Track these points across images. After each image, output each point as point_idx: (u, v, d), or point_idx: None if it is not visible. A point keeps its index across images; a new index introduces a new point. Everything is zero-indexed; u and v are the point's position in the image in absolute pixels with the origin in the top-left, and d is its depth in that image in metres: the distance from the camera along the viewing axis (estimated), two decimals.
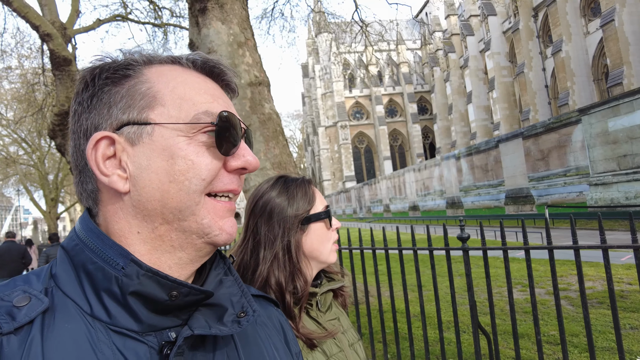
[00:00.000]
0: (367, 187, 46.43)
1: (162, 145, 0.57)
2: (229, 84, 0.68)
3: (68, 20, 12.49)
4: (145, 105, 0.58)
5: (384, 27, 14.12)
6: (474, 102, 43.96)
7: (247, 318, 0.61)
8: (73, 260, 0.56)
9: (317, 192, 1.25)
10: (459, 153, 27.40)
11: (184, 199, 0.57)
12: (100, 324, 0.52)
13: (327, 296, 1.24)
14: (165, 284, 0.54)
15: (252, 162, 0.62)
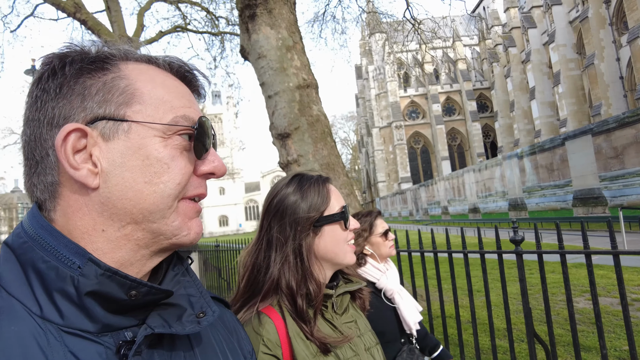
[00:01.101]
0: (424, 189, 45.25)
1: (138, 144, 0.56)
2: (199, 90, 0.69)
3: (134, 34, 13.39)
4: (123, 102, 0.57)
5: (437, 24, 13.73)
6: (538, 98, 41.43)
7: (207, 318, 0.61)
8: (20, 259, 0.53)
9: (333, 191, 1.21)
10: (522, 152, 25.94)
11: (158, 202, 0.57)
12: (51, 326, 0.50)
13: (343, 298, 1.20)
14: (124, 284, 0.53)
15: (220, 168, 0.63)
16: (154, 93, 0.59)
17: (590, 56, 32.60)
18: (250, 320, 1.06)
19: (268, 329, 1.03)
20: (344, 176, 5.66)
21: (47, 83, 0.56)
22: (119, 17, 12.51)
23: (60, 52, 0.58)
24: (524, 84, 46.13)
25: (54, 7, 11.10)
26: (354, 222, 1.21)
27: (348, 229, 1.19)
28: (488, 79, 59.17)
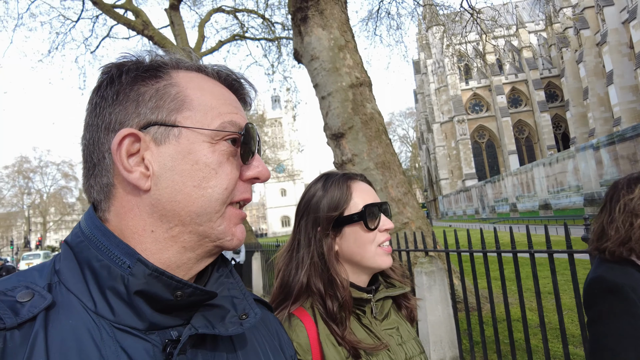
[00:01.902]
0: (490, 185, 43.17)
1: (187, 149, 0.58)
2: (245, 98, 0.71)
3: (196, 45, 14.12)
4: (174, 108, 0.60)
5: (498, 12, 13.02)
6: (617, 83, 37.92)
7: (249, 320, 0.62)
8: (77, 257, 0.57)
9: (357, 189, 1.15)
10: (598, 142, 23.89)
11: (205, 205, 0.59)
12: (104, 321, 0.53)
13: (385, 303, 1.16)
14: (170, 284, 0.55)
15: (264, 172, 0.65)
16: (203, 100, 0.62)
17: None
18: (282, 323, 1.06)
19: (298, 332, 1.02)
20: (401, 174, 5.54)
21: (106, 90, 0.60)
22: (182, 30, 13.25)
23: (117, 62, 0.62)
24: (600, 69, 42.46)
25: (126, 26, 12.00)
26: (385, 223, 1.14)
27: (374, 229, 1.11)
28: (557, 66, 55.23)
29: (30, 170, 57.72)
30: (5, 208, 59.01)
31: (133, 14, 12.17)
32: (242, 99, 0.70)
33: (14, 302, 0.50)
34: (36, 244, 52.47)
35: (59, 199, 62.02)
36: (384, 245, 1.13)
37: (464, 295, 3.46)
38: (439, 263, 3.92)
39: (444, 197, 62.03)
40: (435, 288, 3.80)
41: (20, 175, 56.67)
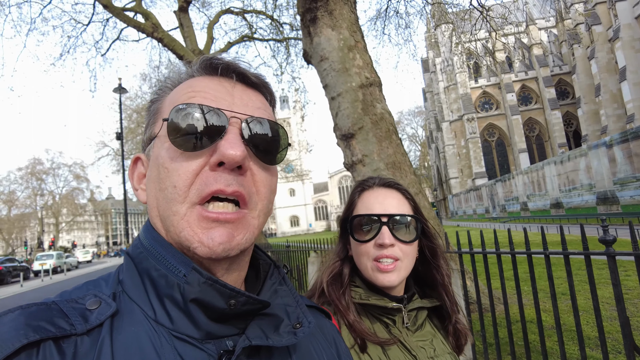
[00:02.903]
0: (501, 184, 42.78)
1: (155, 155, 0.60)
2: (244, 76, 0.64)
3: (205, 47, 14.19)
4: (153, 122, 0.64)
5: (508, 9, 12.89)
6: (630, 79, 37.31)
7: (303, 329, 0.61)
8: (138, 267, 0.59)
9: (366, 196, 1.12)
10: (611, 140, 23.53)
11: (163, 208, 0.58)
12: (163, 329, 0.54)
13: (420, 314, 1.11)
14: (224, 293, 0.55)
15: (226, 154, 0.55)
16: (170, 101, 0.62)
17: None
18: None
19: None
20: (411, 174, 5.51)
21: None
22: (191, 32, 13.33)
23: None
24: (612, 65, 41.84)
25: (136, 29, 12.10)
26: (383, 237, 1.04)
27: (363, 241, 1.07)
28: (568, 63, 54.58)
29: (43, 172, 58.55)
30: (19, 209, 59.93)
31: (142, 16, 12.27)
32: (243, 78, 0.64)
33: (84, 309, 0.53)
34: (49, 244, 53.19)
35: (70, 200, 62.81)
36: (382, 262, 1.05)
37: (477, 296, 3.42)
38: (452, 264, 3.89)
39: (453, 196, 61.61)
40: None
41: (34, 177, 57.51)
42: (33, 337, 0.47)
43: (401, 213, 1.09)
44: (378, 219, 1.06)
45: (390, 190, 1.13)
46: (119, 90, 18.73)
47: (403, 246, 1.07)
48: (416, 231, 1.09)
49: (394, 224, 1.06)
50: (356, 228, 1.08)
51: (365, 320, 1.06)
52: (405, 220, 1.08)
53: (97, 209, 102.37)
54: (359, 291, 1.10)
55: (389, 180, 1.16)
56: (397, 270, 1.05)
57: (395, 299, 1.08)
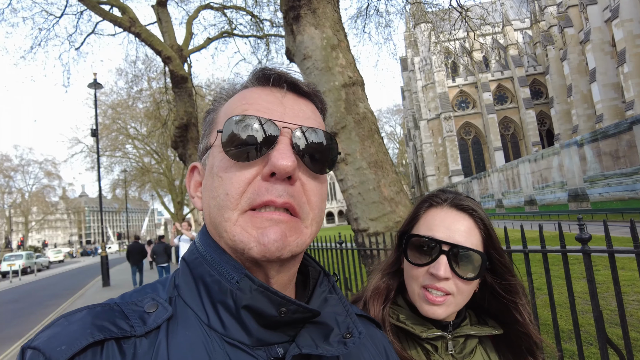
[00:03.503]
0: (476, 182, 43.69)
1: (210, 165, 0.62)
2: (296, 86, 0.65)
3: (184, 42, 13.94)
4: (209, 132, 0.66)
5: (486, 10, 13.14)
6: (600, 80, 38.63)
7: (353, 339, 0.60)
8: (193, 273, 0.61)
9: (431, 215, 1.00)
10: (582, 139, 24.33)
11: (215, 215, 0.59)
12: (215, 334, 0.55)
13: (469, 341, 1.00)
14: (275, 300, 0.55)
15: (277, 165, 0.56)
16: (225, 112, 0.64)
17: None
18: None
19: None
20: (393, 173, 5.58)
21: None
22: (170, 27, 13.07)
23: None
24: (583, 66, 43.21)
25: (112, 23, 11.77)
26: (439, 268, 0.93)
27: (415, 265, 0.97)
28: (542, 64, 56.03)
29: (12, 168, 56.54)
30: None
31: (119, 10, 11.96)
32: (294, 88, 0.65)
33: (143, 312, 0.56)
34: (18, 244, 51.42)
35: (41, 198, 60.91)
36: (431, 292, 0.94)
37: None
38: None
39: None
40: None
41: (1, 174, 55.44)
42: (98, 336, 0.51)
43: (467, 246, 0.95)
44: (438, 245, 0.95)
45: (461, 214, 1.00)
46: (93, 86, 18.22)
47: (460, 282, 0.95)
48: (480, 269, 0.95)
49: (455, 256, 0.94)
50: (412, 248, 0.98)
51: (403, 343, 0.99)
52: (469, 255, 0.95)
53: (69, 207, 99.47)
54: (398, 311, 1.02)
55: (464, 202, 1.02)
56: (446, 305, 0.95)
57: (441, 325, 0.99)
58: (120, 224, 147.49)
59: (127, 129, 31.43)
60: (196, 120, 13.16)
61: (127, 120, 30.85)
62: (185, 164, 13.69)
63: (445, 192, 1.05)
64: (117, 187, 40.57)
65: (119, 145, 33.04)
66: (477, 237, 0.98)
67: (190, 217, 36.34)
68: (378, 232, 5.34)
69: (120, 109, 29.36)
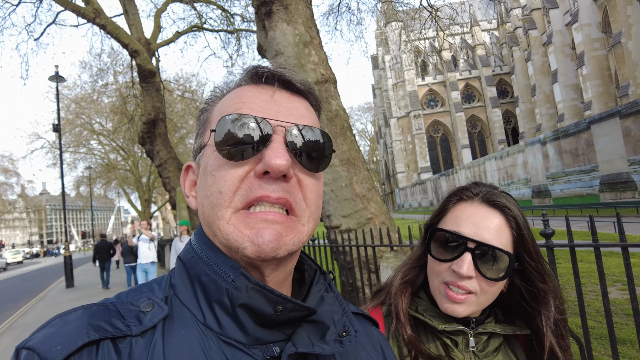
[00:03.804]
0: (445, 178, 44.68)
1: (204, 164, 0.62)
2: (289, 84, 0.64)
3: (152, 36, 13.56)
4: (203, 131, 0.66)
5: (455, 10, 13.43)
6: (561, 81, 40.23)
7: (349, 338, 0.60)
8: (189, 272, 0.60)
9: (459, 210, 0.96)
10: (544, 137, 25.31)
11: (210, 213, 0.59)
12: (212, 333, 0.55)
13: (493, 339, 0.96)
14: (271, 298, 0.55)
15: (270, 164, 0.55)
16: (219, 111, 0.63)
17: (616, 34, 31.42)
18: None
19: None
20: (365, 171, 5.63)
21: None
22: (137, 20, 12.69)
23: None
24: (546, 67, 44.87)
25: (75, 13, 11.30)
26: (461, 265, 0.89)
27: (439, 260, 0.93)
28: (508, 64, 57.81)
29: None
30: None
31: (83, 0, 11.49)
32: (287, 85, 0.64)
33: (139, 311, 0.56)
34: None
35: None
36: (453, 289, 0.91)
37: None
38: (404, 257, 4.03)
39: (400, 189, 63.57)
40: None
41: None
42: (94, 336, 0.51)
43: (494, 245, 0.89)
44: (463, 242, 0.90)
45: (492, 210, 0.94)
46: (55, 79, 17.43)
47: (484, 282, 0.90)
48: (506, 271, 0.90)
49: (480, 254, 0.89)
50: (437, 242, 0.95)
51: (422, 336, 0.96)
52: (497, 255, 0.90)
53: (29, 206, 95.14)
54: (418, 303, 1.00)
55: (497, 197, 0.95)
56: (467, 304, 0.90)
57: (462, 320, 0.95)
58: (85, 223, 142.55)
59: (92, 124, 30.38)
60: (164, 116, 12.85)
61: (92, 115, 29.81)
62: (152, 160, 13.35)
63: (479, 186, 0.99)
64: (81, 184, 39.23)
65: (83, 141, 31.93)
66: (508, 236, 0.91)
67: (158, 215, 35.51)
68: (350, 229, 5.38)
69: (85, 104, 28.31)
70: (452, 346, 0.93)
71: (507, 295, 0.99)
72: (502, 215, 0.92)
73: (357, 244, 4.32)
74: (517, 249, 0.92)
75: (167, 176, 12.50)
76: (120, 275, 16.97)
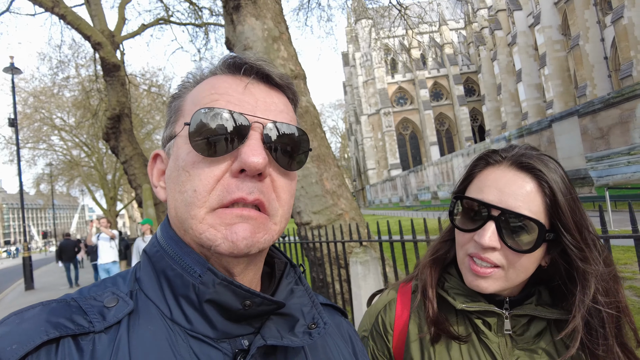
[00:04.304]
0: (413, 175, 45.46)
1: (175, 155, 0.59)
2: (268, 77, 0.62)
3: (116, 28, 13.11)
4: (174, 120, 0.63)
5: (424, 9, 13.66)
6: (525, 81, 41.67)
7: (318, 330, 0.60)
8: (155, 266, 0.59)
9: (485, 176, 0.86)
10: (509, 135, 26.15)
11: (183, 211, 0.57)
12: (179, 328, 0.54)
13: (535, 323, 0.87)
14: (239, 293, 0.55)
15: (247, 162, 0.54)
16: (193, 100, 0.61)
17: (575, 37, 32.79)
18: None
19: (388, 312, 0.97)
20: (335, 167, 5.65)
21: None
22: (99, 10, 12.23)
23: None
24: (511, 67, 46.32)
25: (31, 1, 10.77)
26: (484, 235, 0.80)
27: (463, 230, 0.85)
28: (475, 63, 59.29)
29: None
30: None
31: None
32: (266, 78, 0.61)
33: (102, 307, 0.54)
34: None
35: None
36: (477, 262, 0.83)
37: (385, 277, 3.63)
38: (373, 252, 4.06)
39: (371, 186, 64.28)
40: (370, 277, 3.93)
41: None
42: (53, 334, 0.48)
43: (522, 212, 0.79)
44: (487, 209, 0.81)
45: (521, 174, 0.82)
46: (10, 70, 16.59)
47: (511, 254, 0.81)
48: (536, 242, 0.79)
49: (506, 223, 0.80)
50: (462, 211, 0.87)
51: (450, 316, 0.90)
52: (525, 224, 0.80)
53: None
54: (447, 279, 0.93)
55: (528, 159, 0.83)
56: (493, 279, 0.82)
57: (495, 301, 0.87)
58: (47, 222, 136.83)
59: (53, 119, 29.11)
60: (129, 111, 12.47)
61: (52, 109, 28.55)
62: (117, 157, 12.94)
63: (513, 148, 0.87)
64: (41, 182, 37.57)
65: (43, 136, 30.57)
66: (539, 203, 0.80)
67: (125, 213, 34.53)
68: (321, 225, 5.40)
69: (44, 97, 27.05)
70: (483, 328, 0.86)
71: (550, 272, 0.87)
72: (533, 178, 0.81)
73: (327, 239, 4.33)
74: (551, 218, 0.81)
75: (133, 173, 12.14)
76: (86, 276, 16.44)
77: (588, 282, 0.79)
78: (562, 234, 0.80)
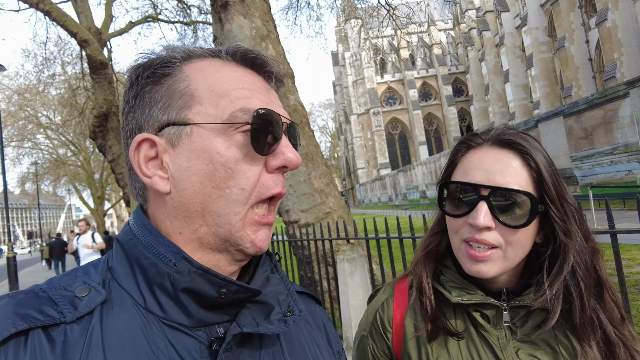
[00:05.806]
0: (403, 174, 45.70)
1: (200, 147, 0.56)
2: (273, 75, 0.64)
3: (103, 25, 12.96)
4: (183, 105, 0.57)
5: (412, 10, 13.77)
6: (512, 81, 42.18)
7: (294, 317, 0.61)
8: (128, 254, 0.58)
9: (468, 159, 0.85)
10: None
11: (224, 206, 0.56)
12: (153, 317, 0.54)
13: (535, 315, 0.83)
14: (215, 282, 0.55)
15: (292, 159, 0.58)
16: (213, 89, 0.58)
17: (561, 39, 33.27)
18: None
19: (386, 309, 0.96)
20: (323, 166, 5.67)
21: (128, 95, 0.60)
22: (86, 7, 12.08)
23: (136, 64, 0.60)
24: (498, 68, 46.83)
25: None
26: (477, 216, 0.78)
27: (454, 216, 0.84)
28: (463, 63, 59.79)
29: None
30: None
31: None
32: (270, 76, 0.64)
33: (73, 297, 0.52)
34: None
35: None
36: (474, 247, 0.81)
37: (383, 280, 3.67)
38: (360, 250, 4.09)
39: (360, 185, 64.46)
40: (357, 274, 3.96)
41: None
42: (21, 325, 0.47)
43: (510, 187, 0.79)
44: (475, 190, 0.81)
45: (503, 150, 0.83)
46: None
47: (507, 231, 0.79)
48: (530, 214, 0.79)
49: (498, 200, 0.79)
50: (450, 198, 0.86)
51: (447, 311, 0.89)
52: (515, 197, 0.79)
53: None
54: (443, 272, 0.91)
55: (508, 136, 0.84)
56: (493, 261, 0.80)
57: (492, 293, 0.86)
58: (32, 222, 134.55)
59: (38, 117, 28.68)
60: (117, 109, 12.34)
61: (38, 107, 28.12)
62: (105, 155, 12.81)
63: (491, 130, 0.88)
64: (26, 181, 36.98)
65: (28, 135, 30.11)
66: (526, 176, 0.81)
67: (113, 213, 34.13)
68: (309, 224, 5.43)
69: (29, 95, 26.61)
70: (482, 321, 0.84)
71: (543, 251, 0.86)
72: (517, 154, 0.82)
73: (315, 237, 4.36)
74: (539, 191, 0.81)
75: (121, 172, 12.03)
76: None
77: (567, 256, 0.80)
78: (549, 207, 0.81)
